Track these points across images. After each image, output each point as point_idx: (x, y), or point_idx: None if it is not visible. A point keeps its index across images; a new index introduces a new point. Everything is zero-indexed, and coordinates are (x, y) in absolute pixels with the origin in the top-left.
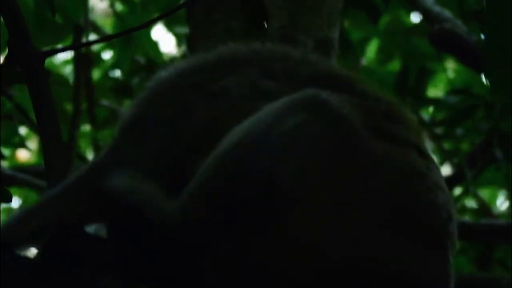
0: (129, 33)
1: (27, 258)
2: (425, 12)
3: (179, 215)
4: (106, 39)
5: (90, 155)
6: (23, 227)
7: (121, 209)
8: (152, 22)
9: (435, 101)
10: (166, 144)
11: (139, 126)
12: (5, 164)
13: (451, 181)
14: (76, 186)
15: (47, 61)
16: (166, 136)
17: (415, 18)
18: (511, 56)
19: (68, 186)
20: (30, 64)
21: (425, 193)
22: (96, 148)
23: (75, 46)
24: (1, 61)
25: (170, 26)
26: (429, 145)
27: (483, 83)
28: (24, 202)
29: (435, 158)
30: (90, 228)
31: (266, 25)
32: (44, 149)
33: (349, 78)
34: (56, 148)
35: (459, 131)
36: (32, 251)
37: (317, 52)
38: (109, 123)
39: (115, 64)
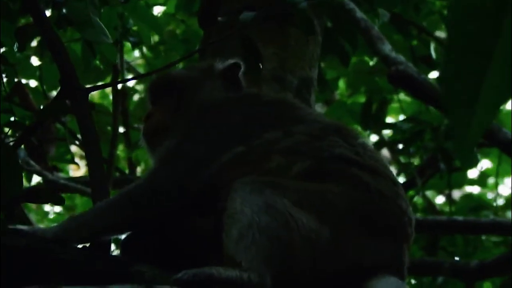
0: (156, 72)
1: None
2: (383, 57)
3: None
4: (137, 78)
5: (126, 169)
6: (78, 231)
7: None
8: (174, 63)
9: (393, 126)
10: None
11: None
12: (60, 175)
13: (406, 186)
14: (126, 198)
15: (94, 95)
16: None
17: (375, 61)
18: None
19: (118, 199)
20: (77, 98)
21: (397, 205)
22: (130, 164)
23: (112, 83)
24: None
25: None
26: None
27: (429, 111)
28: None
29: (393, 169)
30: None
31: (261, 67)
32: (89, 164)
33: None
34: (98, 163)
35: (411, 149)
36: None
37: (300, 89)
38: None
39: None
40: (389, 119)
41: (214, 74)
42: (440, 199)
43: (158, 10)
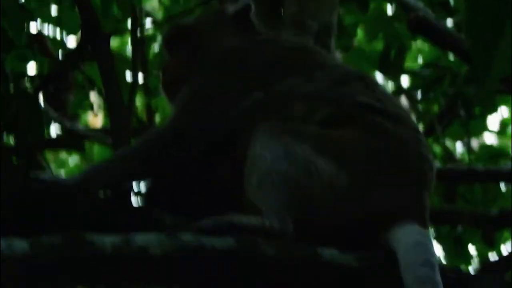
0: (175, 19)
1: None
2: (402, 3)
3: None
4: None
5: (144, 116)
6: (99, 178)
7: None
8: (191, 10)
9: (413, 73)
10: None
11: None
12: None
13: (424, 134)
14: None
15: (112, 44)
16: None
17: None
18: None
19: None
20: (98, 44)
21: (418, 151)
22: (149, 112)
23: (132, 29)
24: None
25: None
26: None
27: (447, 58)
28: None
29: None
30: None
31: (282, 12)
32: (110, 111)
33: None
34: (119, 110)
35: (431, 95)
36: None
37: (320, 34)
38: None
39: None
40: (407, 66)
41: (226, 18)
42: (458, 148)
43: None
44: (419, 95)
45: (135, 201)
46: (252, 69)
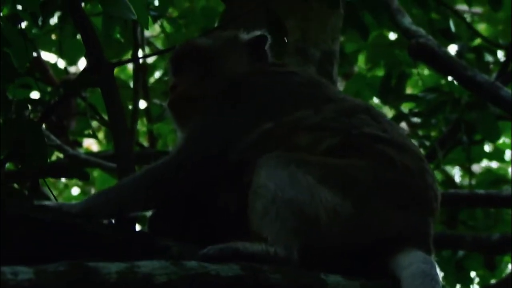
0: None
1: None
2: (404, 30)
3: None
4: (160, 53)
5: (145, 143)
6: (103, 207)
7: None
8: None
9: (415, 97)
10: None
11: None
12: (80, 151)
13: None
14: (155, 172)
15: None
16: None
17: (395, 34)
18: None
19: (145, 173)
20: (103, 73)
21: (422, 180)
22: (151, 138)
23: (136, 58)
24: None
25: None
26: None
27: (449, 84)
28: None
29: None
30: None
31: (286, 40)
32: (114, 137)
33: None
34: (124, 137)
35: (433, 120)
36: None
37: (323, 61)
38: (160, 118)
39: (165, 72)
40: (408, 92)
41: (240, 44)
42: (457, 174)
43: None
44: (419, 120)
45: (140, 227)
46: (264, 102)
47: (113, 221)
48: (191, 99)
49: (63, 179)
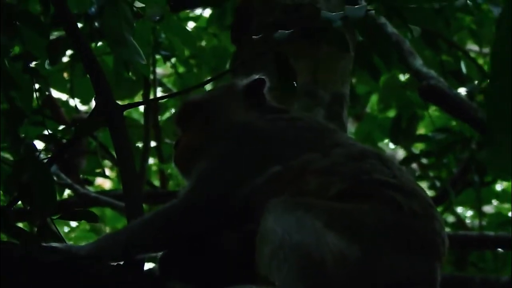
0: (188, 91)
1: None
2: (415, 71)
3: None
4: (172, 96)
5: (157, 182)
6: (112, 250)
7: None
8: (206, 83)
9: (425, 138)
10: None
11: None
12: (91, 189)
13: (435, 201)
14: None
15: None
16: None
17: (406, 76)
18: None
19: (155, 216)
20: (111, 113)
21: (430, 225)
22: (162, 177)
23: (147, 101)
24: (90, 114)
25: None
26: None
27: (459, 124)
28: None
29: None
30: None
31: (295, 84)
32: (122, 177)
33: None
34: (133, 181)
35: (445, 160)
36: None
37: (332, 104)
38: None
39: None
40: (419, 133)
41: (237, 92)
42: (468, 213)
43: (190, 25)
44: (429, 161)
45: (148, 269)
46: (267, 147)
47: (122, 262)
48: (194, 150)
49: None
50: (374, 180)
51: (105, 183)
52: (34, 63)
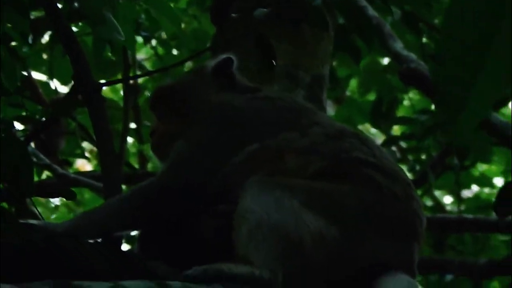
0: (166, 70)
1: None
2: (395, 54)
3: None
4: (150, 74)
5: (136, 164)
6: (89, 227)
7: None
8: (184, 61)
9: (407, 120)
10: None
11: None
12: (70, 171)
13: (414, 184)
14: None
15: (104, 90)
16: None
17: (387, 60)
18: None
19: (131, 195)
20: (90, 93)
21: (409, 206)
22: (141, 159)
23: (124, 79)
24: (68, 92)
25: (198, 63)
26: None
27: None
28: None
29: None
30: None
31: (275, 64)
32: (101, 159)
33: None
34: (111, 160)
35: (427, 142)
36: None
37: (312, 86)
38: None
39: None
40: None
41: (206, 74)
42: (447, 199)
43: None
44: (409, 145)
45: (126, 247)
46: (244, 127)
47: (99, 241)
48: (171, 136)
49: (52, 200)
50: (354, 159)
51: (85, 166)
52: (13, 43)
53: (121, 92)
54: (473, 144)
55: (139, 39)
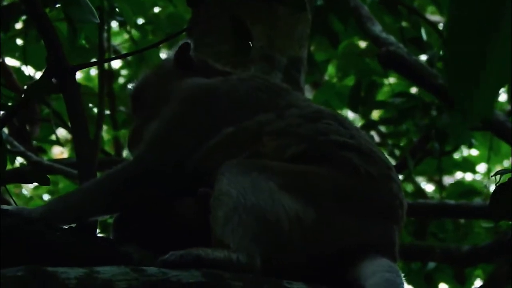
0: (142, 52)
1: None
2: (374, 37)
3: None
4: (124, 56)
5: (111, 150)
6: (64, 212)
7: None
8: (159, 43)
9: (384, 104)
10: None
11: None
12: (44, 157)
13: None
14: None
15: (79, 77)
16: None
17: (365, 43)
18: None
19: (107, 177)
20: (64, 76)
21: (388, 188)
22: (116, 145)
23: (99, 62)
24: (41, 75)
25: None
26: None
27: (420, 92)
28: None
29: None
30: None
31: (251, 45)
32: (76, 145)
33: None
34: (85, 144)
35: (404, 126)
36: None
37: (289, 68)
38: (126, 125)
39: (131, 78)
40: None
41: (168, 63)
42: (429, 188)
43: None
44: (388, 130)
45: (100, 233)
46: (220, 107)
47: (74, 226)
48: (144, 129)
49: (27, 187)
50: (331, 141)
51: (63, 155)
52: None
53: (96, 80)
54: (452, 128)
55: (114, 24)
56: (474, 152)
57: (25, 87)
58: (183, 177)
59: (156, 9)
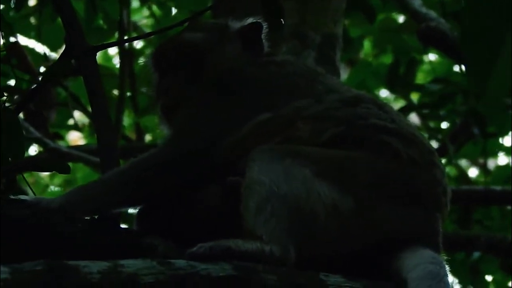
0: (165, 31)
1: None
2: (413, 12)
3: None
4: (147, 36)
5: (132, 135)
6: (85, 203)
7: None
8: (184, 21)
9: (421, 87)
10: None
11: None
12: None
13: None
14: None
15: (98, 58)
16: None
17: (404, 18)
18: (485, 50)
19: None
20: (84, 57)
21: (430, 174)
22: (138, 131)
23: (121, 42)
24: (59, 56)
25: None
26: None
27: (460, 72)
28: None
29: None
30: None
31: (283, 22)
32: (97, 129)
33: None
34: (107, 129)
35: (442, 113)
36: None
37: (323, 46)
38: (148, 109)
39: None
40: (417, 81)
41: (231, 34)
42: (473, 172)
43: None
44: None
45: (124, 224)
46: (257, 94)
47: (95, 217)
48: (183, 99)
49: (43, 175)
50: (370, 125)
51: (80, 142)
52: None
53: (115, 60)
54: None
55: (134, 4)
56: None
57: (42, 69)
58: (212, 167)
59: None
